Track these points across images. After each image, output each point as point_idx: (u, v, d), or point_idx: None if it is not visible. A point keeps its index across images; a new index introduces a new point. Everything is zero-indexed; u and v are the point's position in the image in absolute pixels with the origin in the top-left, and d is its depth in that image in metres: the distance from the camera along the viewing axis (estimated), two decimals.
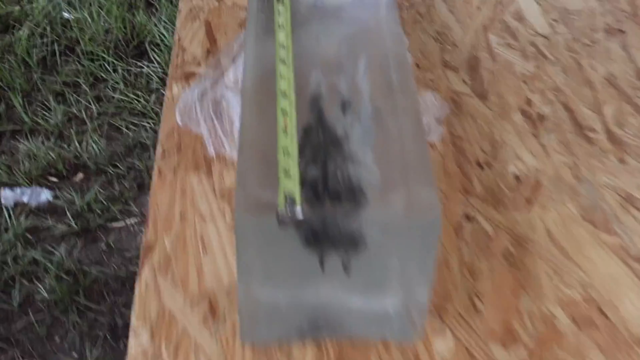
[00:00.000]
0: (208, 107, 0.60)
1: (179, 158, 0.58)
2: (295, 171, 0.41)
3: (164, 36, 1.86)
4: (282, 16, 0.52)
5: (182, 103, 0.61)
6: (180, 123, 0.60)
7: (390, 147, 0.45)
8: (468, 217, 0.54)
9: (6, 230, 1.35)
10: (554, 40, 0.74)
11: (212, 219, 0.53)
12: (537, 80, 0.68)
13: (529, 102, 0.65)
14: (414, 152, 0.45)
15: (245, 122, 0.46)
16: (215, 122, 0.59)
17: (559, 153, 0.60)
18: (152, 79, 1.77)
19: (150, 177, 0.75)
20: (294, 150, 0.42)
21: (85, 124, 1.64)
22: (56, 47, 1.84)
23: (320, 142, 0.44)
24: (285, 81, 0.47)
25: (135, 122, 1.66)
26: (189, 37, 0.71)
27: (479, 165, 0.59)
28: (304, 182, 0.41)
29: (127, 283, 1.27)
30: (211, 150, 0.57)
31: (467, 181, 0.57)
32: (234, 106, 0.60)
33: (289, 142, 0.43)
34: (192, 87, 0.63)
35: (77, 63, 1.81)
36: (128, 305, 1.21)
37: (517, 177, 0.58)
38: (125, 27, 1.91)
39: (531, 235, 0.53)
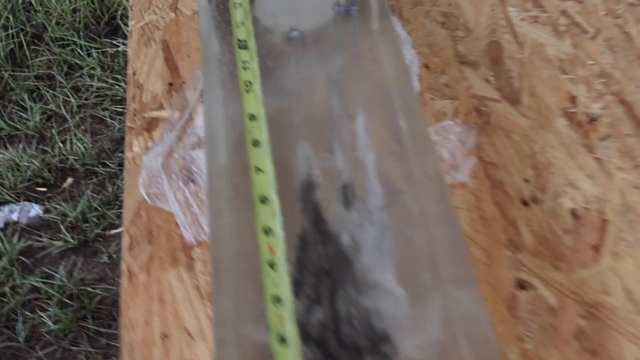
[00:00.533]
0: (176, 176, 0.47)
1: (152, 249, 0.46)
2: (292, 330, 0.29)
3: None
4: (249, 68, 0.39)
5: (144, 173, 0.48)
6: (147, 199, 0.48)
7: (414, 241, 0.34)
8: (521, 285, 0.43)
9: (0, 256, 1.25)
10: (589, 2, 0.60)
11: (200, 334, 0.42)
12: (577, 65, 0.55)
13: (572, 99, 0.52)
14: (445, 242, 0.33)
15: (216, 237, 0.34)
16: (188, 195, 0.47)
17: (622, 169, 0.48)
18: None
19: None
20: (287, 293, 0.31)
21: (67, 120, 1.51)
22: (22, 38, 1.69)
23: (321, 265, 0.32)
24: (263, 176, 0.35)
25: (119, 109, 1.53)
26: (145, 69, 0.58)
27: (524, 202, 0.47)
28: (307, 338, 0.30)
29: None
30: (188, 235, 0.46)
31: (512, 228, 0.45)
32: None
33: (278, 279, 0.31)
34: (155, 146, 0.50)
35: (47, 52, 1.67)
36: None
37: (574, 214, 0.46)
38: (93, 3, 1.75)
39: (606, 300, 0.41)
